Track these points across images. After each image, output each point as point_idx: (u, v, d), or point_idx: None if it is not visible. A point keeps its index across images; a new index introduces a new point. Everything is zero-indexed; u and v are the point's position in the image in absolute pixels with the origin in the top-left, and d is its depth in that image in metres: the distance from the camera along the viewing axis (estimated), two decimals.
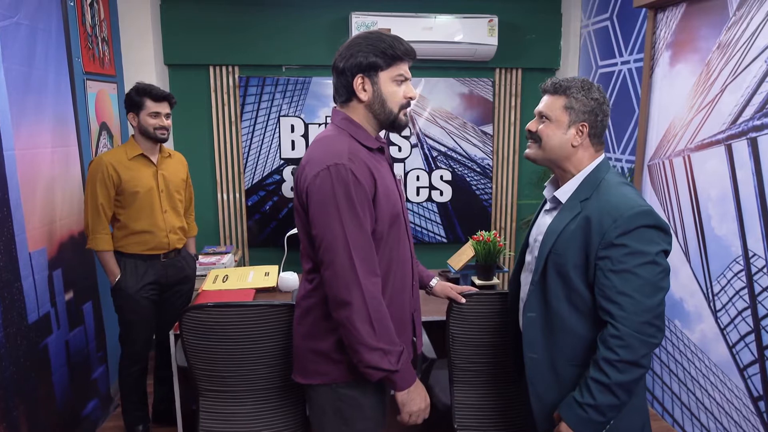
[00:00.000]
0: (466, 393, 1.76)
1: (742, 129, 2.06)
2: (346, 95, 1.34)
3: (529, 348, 1.41)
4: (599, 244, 1.25)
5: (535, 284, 1.39)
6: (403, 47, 1.31)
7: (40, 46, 2.16)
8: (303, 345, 1.40)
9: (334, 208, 1.24)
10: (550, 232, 1.36)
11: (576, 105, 1.32)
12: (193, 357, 1.64)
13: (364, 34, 1.33)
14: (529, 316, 1.40)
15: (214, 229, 3.56)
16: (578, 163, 1.36)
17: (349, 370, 1.34)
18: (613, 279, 1.23)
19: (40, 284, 2.13)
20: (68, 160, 2.39)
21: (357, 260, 1.24)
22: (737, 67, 2.09)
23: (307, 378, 1.40)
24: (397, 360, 1.28)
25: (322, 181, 1.25)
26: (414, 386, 1.33)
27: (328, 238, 1.25)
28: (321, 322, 1.36)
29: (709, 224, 2.26)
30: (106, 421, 2.62)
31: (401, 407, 1.33)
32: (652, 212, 1.26)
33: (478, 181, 3.67)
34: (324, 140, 1.34)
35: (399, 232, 1.37)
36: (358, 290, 1.24)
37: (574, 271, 1.30)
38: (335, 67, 1.34)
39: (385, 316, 1.28)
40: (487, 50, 3.34)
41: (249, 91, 3.39)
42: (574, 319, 1.32)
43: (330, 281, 1.26)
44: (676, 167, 2.46)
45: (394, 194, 1.36)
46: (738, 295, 2.12)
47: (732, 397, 2.16)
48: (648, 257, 1.22)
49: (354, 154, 1.28)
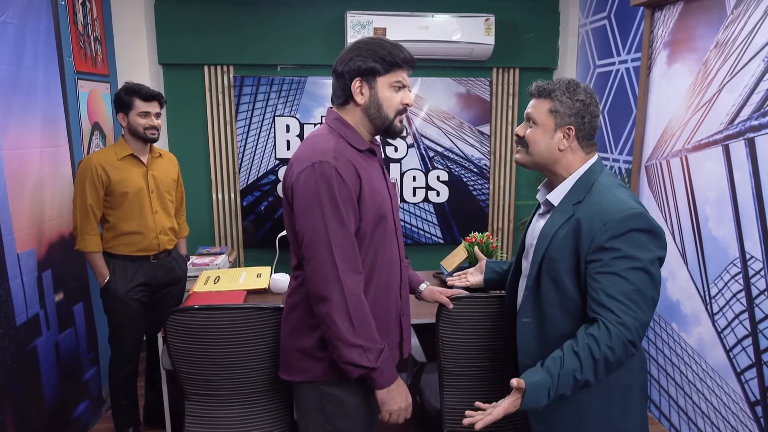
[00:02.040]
0: (457, 397, 1.73)
1: (739, 129, 2.02)
2: (344, 98, 1.36)
3: (523, 354, 1.38)
4: (589, 248, 1.22)
5: (529, 289, 1.36)
6: (403, 55, 1.33)
7: (29, 46, 2.14)
8: (288, 342, 1.42)
9: (317, 205, 1.25)
10: (542, 236, 1.33)
11: (561, 108, 1.29)
12: (178, 360, 1.62)
13: (365, 40, 1.36)
14: (523, 321, 1.38)
15: (209, 230, 3.54)
16: (568, 167, 1.33)
17: (332, 368, 1.34)
18: (601, 280, 1.20)
19: (28, 285, 2.11)
20: (58, 161, 2.37)
21: (338, 257, 1.25)
22: (735, 66, 2.06)
23: (292, 375, 1.41)
24: (376, 358, 1.28)
25: (307, 177, 1.26)
26: (394, 385, 1.33)
27: (310, 233, 1.26)
28: (305, 319, 1.37)
29: (707, 226, 2.22)
30: (97, 423, 2.60)
31: (381, 405, 1.34)
32: (644, 215, 1.23)
33: (475, 181, 3.64)
34: (312, 139, 1.36)
35: (385, 233, 1.37)
36: (338, 286, 1.25)
37: (566, 276, 1.27)
38: (335, 70, 1.37)
39: (366, 313, 1.28)
40: (483, 49, 3.31)
41: (244, 90, 3.36)
42: (568, 324, 1.29)
43: (311, 276, 1.28)
44: (674, 168, 2.42)
45: (381, 195, 1.36)
46: (735, 298, 2.08)
47: (729, 402, 2.12)
48: (638, 263, 1.19)
49: (339, 153, 1.29)
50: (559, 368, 1.17)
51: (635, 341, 1.18)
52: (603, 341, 1.16)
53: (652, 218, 1.24)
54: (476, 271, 1.73)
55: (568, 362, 1.17)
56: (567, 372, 1.17)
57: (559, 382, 1.17)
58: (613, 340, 1.16)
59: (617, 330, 1.16)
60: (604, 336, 1.17)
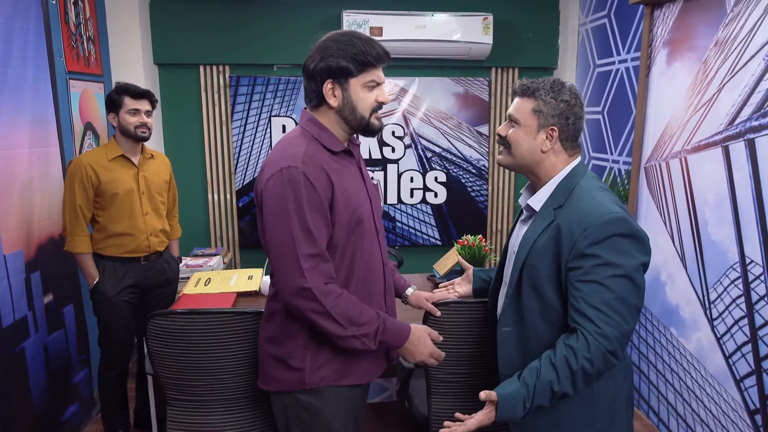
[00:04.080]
0: (444, 405, 1.69)
1: (739, 130, 1.97)
2: (317, 100, 1.31)
3: (504, 364, 1.34)
4: (569, 255, 1.18)
5: (509, 297, 1.32)
6: (375, 51, 1.26)
7: (16, 45, 2.12)
8: (265, 349, 1.38)
9: (284, 212, 1.21)
10: (523, 242, 1.29)
11: (545, 108, 1.24)
12: (159, 365, 1.59)
13: (335, 36, 1.29)
14: (504, 330, 1.34)
15: (205, 231, 3.52)
16: (551, 169, 1.28)
17: (307, 378, 1.31)
18: (582, 289, 1.15)
19: (15, 287, 2.09)
20: (48, 161, 2.35)
21: (305, 267, 1.21)
22: (735, 65, 2.00)
23: (269, 384, 1.38)
24: (373, 339, 1.28)
25: (275, 184, 1.22)
26: (408, 341, 1.34)
27: (278, 243, 1.22)
28: (281, 326, 1.33)
29: (706, 229, 2.17)
30: (88, 425, 2.58)
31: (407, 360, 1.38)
32: (626, 219, 1.18)
33: (474, 182, 3.59)
34: (283, 142, 1.31)
35: (362, 239, 1.32)
36: (308, 295, 1.21)
37: (546, 283, 1.23)
38: (305, 69, 1.31)
39: (346, 306, 1.25)
40: (481, 49, 3.27)
41: (240, 90, 3.34)
42: (549, 333, 1.24)
43: (280, 287, 1.25)
44: (673, 170, 2.37)
45: (357, 200, 1.31)
46: (735, 304, 2.03)
47: (728, 410, 2.07)
48: (620, 270, 1.14)
49: (310, 157, 1.24)
50: (535, 379, 1.14)
51: (616, 351, 1.14)
52: (581, 352, 1.13)
53: (634, 222, 1.20)
54: (464, 281, 1.69)
55: (545, 373, 1.14)
56: (543, 383, 1.14)
57: (535, 394, 1.13)
58: (591, 351, 1.13)
59: (596, 341, 1.13)
60: (582, 347, 1.13)
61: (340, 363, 1.33)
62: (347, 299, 1.26)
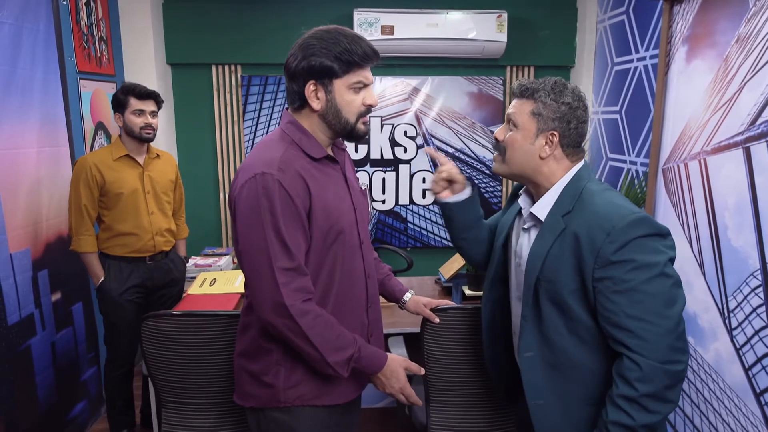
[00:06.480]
0: (443, 413, 1.64)
1: (761, 130, 1.87)
2: (299, 102, 1.22)
3: (532, 394, 1.22)
4: (594, 264, 1.09)
5: (527, 319, 1.21)
6: (362, 50, 1.17)
7: (25, 46, 2.14)
8: (239, 363, 1.32)
9: (258, 223, 1.13)
10: (533, 256, 1.18)
11: (544, 111, 1.15)
12: (154, 367, 1.58)
13: (319, 33, 1.19)
14: (526, 356, 1.22)
15: (216, 230, 3.53)
16: (550, 176, 1.19)
17: (281, 396, 1.25)
18: (619, 301, 1.07)
19: (22, 285, 2.11)
20: (58, 160, 2.37)
21: (281, 281, 1.13)
22: (757, 62, 1.90)
23: (244, 400, 1.31)
24: (345, 366, 1.20)
25: (248, 191, 1.15)
26: (381, 372, 1.27)
27: (251, 256, 1.16)
28: (255, 341, 1.27)
29: (726, 234, 2.07)
30: (96, 423, 2.60)
31: (380, 389, 1.31)
32: (648, 218, 1.10)
33: (487, 183, 3.52)
34: (261, 145, 1.23)
35: (343, 250, 1.24)
36: (284, 312, 1.14)
37: (571, 298, 1.13)
38: (287, 68, 1.22)
39: (323, 329, 1.18)
40: (496, 47, 3.19)
41: (251, 90, 3.33)
42: (582, 352, 1.15)
43: (255, 302, 1.18)
44: (692, 172, 2.27)
45: (338, 210, 1.23)
46: (755, 313, 1.93)
47: (747, 424, 1.97)
48: (655, 270, 1.06)
49: (286, 164, 1.16)
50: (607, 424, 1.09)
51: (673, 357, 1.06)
52: (634, 378, 1.06)
53: (655, 220, 1.12)
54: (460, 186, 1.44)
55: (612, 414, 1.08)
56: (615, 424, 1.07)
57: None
58: (645, 371, 1.05)
59: (645, 360, 1.05)
60: (633, 373, 1.06)
61: (317, 382, 1.26)
62: (326, 321, 1.19)
